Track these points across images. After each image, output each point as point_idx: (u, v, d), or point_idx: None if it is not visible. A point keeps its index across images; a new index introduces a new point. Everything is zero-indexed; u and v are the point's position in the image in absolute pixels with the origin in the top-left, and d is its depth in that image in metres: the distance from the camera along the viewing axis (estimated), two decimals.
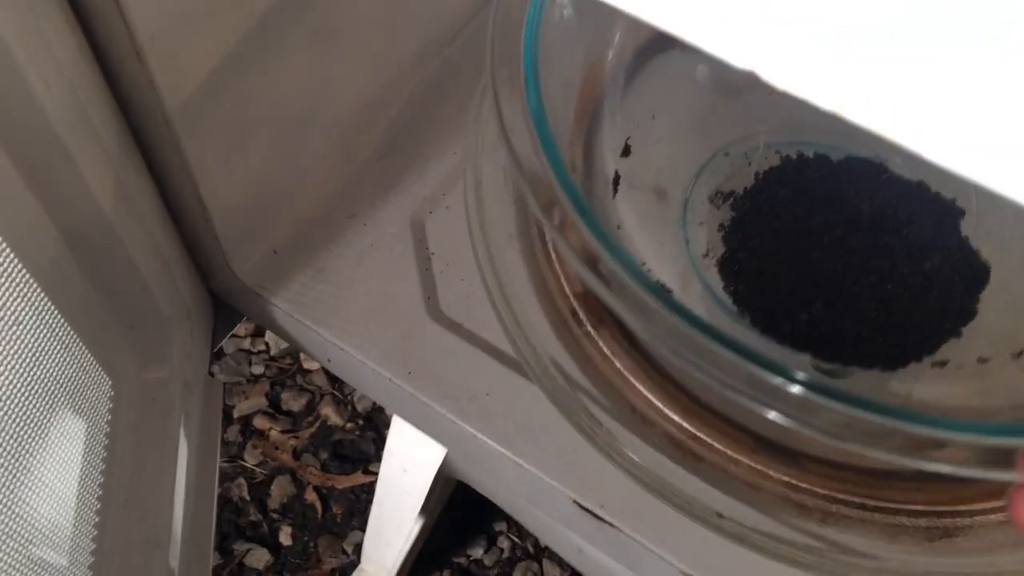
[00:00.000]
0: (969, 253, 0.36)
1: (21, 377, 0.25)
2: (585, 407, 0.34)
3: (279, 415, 0.91)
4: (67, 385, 0.28)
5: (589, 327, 0.36)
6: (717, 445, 0.34)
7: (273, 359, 0.94)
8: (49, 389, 0.27)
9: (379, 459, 0.87)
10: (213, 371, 0.38)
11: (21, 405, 0.25)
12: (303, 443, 0.89)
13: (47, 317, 0.26)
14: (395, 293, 0.37)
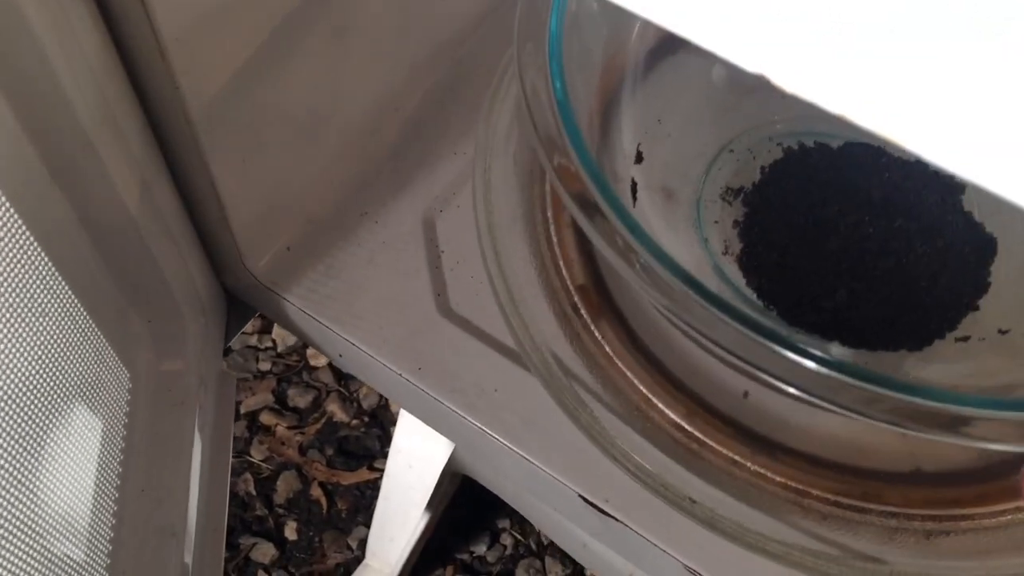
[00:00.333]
0: (975, 227, 0.36)
1: (47, 368, 0.26)
2: (585, 403, 0.34)
3: (285, 411, 0.91)
4: (88, 376, 0.28)
5: (588, 319, 0.36)
6: (718, 447, 0.35)
7: (280, 356, 0.94)
8: (72, 380, 0.27)
9: (384, 456, 0.88)
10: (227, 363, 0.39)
11: (45, 396, 0.26)
12: (309, 439, 0.90)
13: (71, 310, 0.27)
14: (406, 290, 0.38)
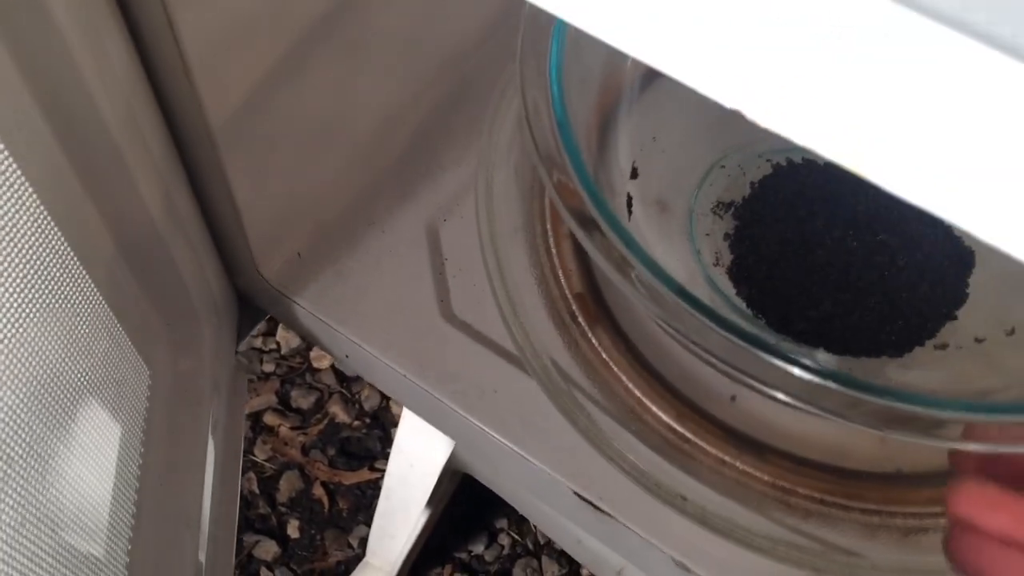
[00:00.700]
0: (954, 240, 0.38)
1: (73, 361, 0.27)
2: (582, 405, 0.36)
3: (288, 412, 0.93)
4: (111, 371, 0.30)
5: (585, 326, 0.38)
6: (707, 447, 0.36)
7: (284, 358, 0.96)
8: (96, 373, 0.29)
9: (385, 457, 0.89)
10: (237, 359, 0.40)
11: (71, 388, 0.28)
12: (311, 440, 0.91)
13: (97, 308, 0.28)
14: (410, 295, 0.39)
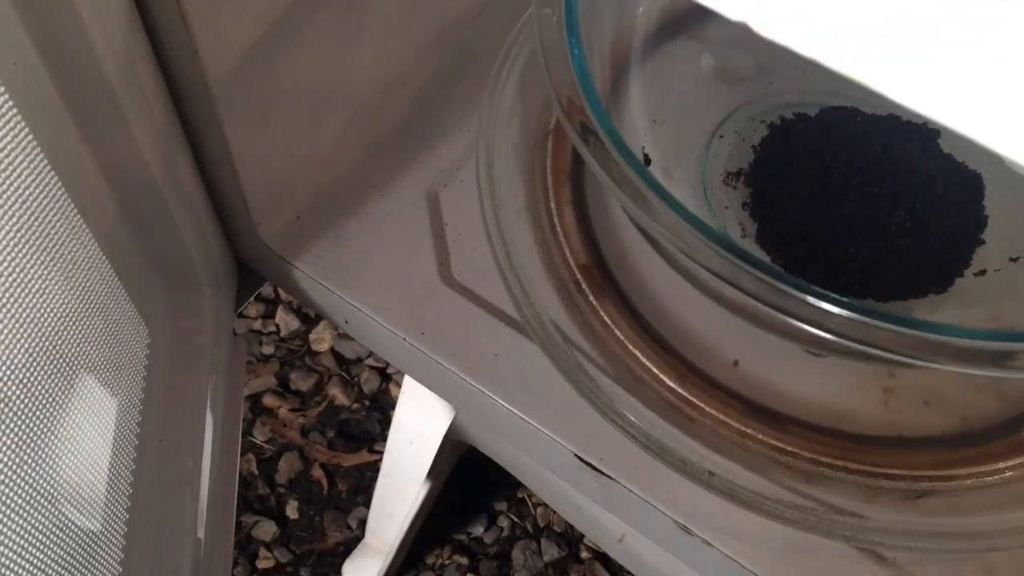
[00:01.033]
0: (959, 167, 0.38)
1: (74, 316, 0.27)
2: (583, 368, 0.36)
3: (288, 394, 0.93)
4: (113, 330, 0.30)
5: (591, 297, 0.38)
6: (709, 410, 0.36)
7: (283, 340, 0.96)
8: (99, 333, 0.29)
9: (384, 439, 0.89)
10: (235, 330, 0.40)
11: (72, 343, 0.28)
12: (311, 422, 0.92)
13: (98, 263, 0.28)
14: (410, 259, 0.39)
